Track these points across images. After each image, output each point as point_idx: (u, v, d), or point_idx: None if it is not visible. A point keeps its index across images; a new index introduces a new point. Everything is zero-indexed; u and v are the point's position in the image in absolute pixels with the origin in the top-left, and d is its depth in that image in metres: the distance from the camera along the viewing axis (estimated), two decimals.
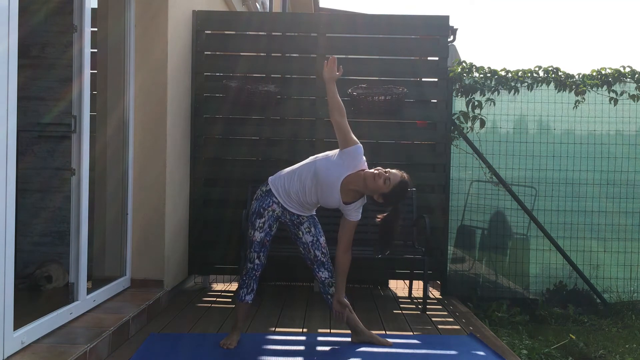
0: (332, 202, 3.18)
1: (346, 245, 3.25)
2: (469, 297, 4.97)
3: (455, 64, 5.05)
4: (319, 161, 3.19)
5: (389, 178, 3.07)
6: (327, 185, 3.12)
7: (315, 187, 3.15)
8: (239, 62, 4.96)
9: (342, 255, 3.26)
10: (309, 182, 3.15)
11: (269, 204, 3.22)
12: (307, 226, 3.30)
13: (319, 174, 3.13)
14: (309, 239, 3.30)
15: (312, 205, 3.26)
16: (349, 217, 3.23)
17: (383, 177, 3.06)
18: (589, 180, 5.15)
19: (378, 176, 3.06)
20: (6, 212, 2.53)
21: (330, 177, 3.11)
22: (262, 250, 3.24)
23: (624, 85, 5.07)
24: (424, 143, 4.96)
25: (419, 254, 4.34)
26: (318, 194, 3.17)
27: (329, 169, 3.13)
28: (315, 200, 3.20)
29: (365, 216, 4.62)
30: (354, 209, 3.21)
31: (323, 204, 3.22)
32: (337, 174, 3.12)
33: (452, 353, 3.31)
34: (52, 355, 2.67)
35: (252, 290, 3.28)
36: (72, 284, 3.38)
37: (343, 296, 3.27)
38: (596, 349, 4.21)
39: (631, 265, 5.19)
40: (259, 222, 3.21)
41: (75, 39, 3.30)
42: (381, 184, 3.06)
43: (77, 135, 3.31)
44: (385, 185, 3.06)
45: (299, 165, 3.27)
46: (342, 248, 3.25)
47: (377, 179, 3.06)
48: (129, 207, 4.14)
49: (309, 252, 3.32)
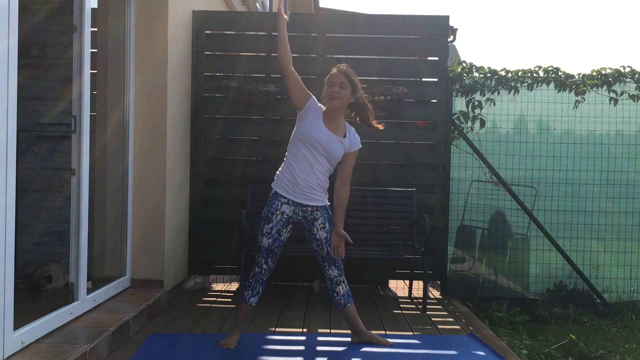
0: (337, 148, 3.20)
1: (346, 178, 3.30)
2: (469, 297, 4.97)
3: (455, 64, 5.05)
4: (295, 132, 3.25)
5: (330, 75, 3.21)
6: (319, 136, 3.16)
7: (314, 151, 3.17)
8: (239, 62, 4.96)
9: (341, 187, 3.29)
10: (306, 152, 3.17)
11: (277, 207, 3.21)
12: (321, 222, 3.27)
13: (305, 138, 3.17)
14: (323, 235, 3.27)
15: (324, 173, 3.24)
16: (353, 149, 3.27)
17: (328, 81, 3.20)
18: (589, 180, 5.15)
19: (326, 85, 3.20)
20: (6, 212, 2.53)
21: (314, 129, 3.17)
22: (269, 256, 3.23)
23: (624, 85, 5.06)
24: (424, 143, 4.96)
25: (419, 254, 4.34)
26: (324, 153, 3.18)
27: (307, 127, 3.18)
28: (325, 163, 3.21)
29: (366, 216, 4.68)
30: (352, 138, 3.27)
31: (335, 156, 3.22)
32: (315, 122, 3.18)
33: (452, 353, 3.31)
34: (52, 355, 2.67)
35: (258, 293, 3.29)
36: (72, 284, 3.38)
37: (341, 228, 3.28)
38: (596, 349, 4.20)
39: (631, 265, 5.19)
40: (267, 227, 3.21)
41: (75, 39, 3.30)
42: (329, 86, 3.19)
43: (77, 135, 3.31)
44: (330, 85, 3.18)
45: (289, 156, 3.26)
46: (342, 180, 3.30)
47: (326, 86, 3.20)
48: (129, 207, 4.14)
49: (322, 249, 3.30)
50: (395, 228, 4.76)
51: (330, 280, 3.35)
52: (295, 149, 3.22)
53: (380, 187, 4.80)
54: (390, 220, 4.75)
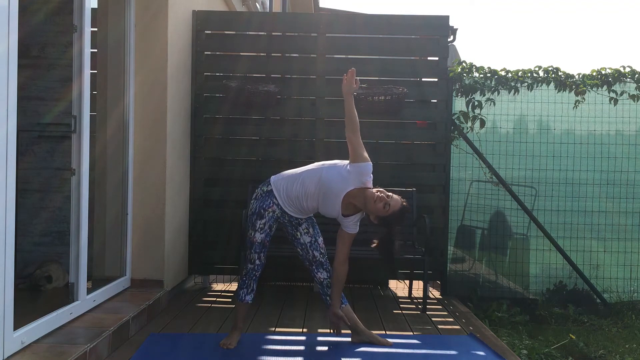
0: (331, 212, 3.18)
1: (344, 257, 3.25)
2: (469, 297, 4.97)
3: (455, 64, 5.05)
4: (326, 169, 3.17)
5: (389, 203, 3.05)
6: (330, 195, 3.12)
7: (317, 194, 3.15)
8: (239, 62, 4.96)
9: (339, 266, 3.25)
10: (313, 188, 3.14)
11: (269, 204, 3.22)
12: (305, 227, 3.31)
13: (324, 182, 3.12)
14: (307, 239, 3.30)
15: (311, 210, 3.25)
16: (346, 229, 3.22)
17: (384, 202, 3.04)
18: (589, 180, 5.15)
19: (379, 199, 3.04)
20: (6, 212, 2.53)
21: (335, 188, 3.11)
22: (262, 250, 3.24)
23: (624, 85, 5.07)
24: (424, 143, 4.96)
25: (419, 254, 4.34)
26: (319, 201, 3.16)
27: (335, 179, 3.12)
28: (315, 205, 3.20)
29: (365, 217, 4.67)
30: (352, 222, 3.21)
31: (322, 212, 3.22)
32: (342, 186, 3.11)
33: (452, 353, 3.31)
34: (52, 355, 2.67)
35: (252, 290, 3.29)
36: (72, 284, 3.38)
37: (338, 308, 3.28)
38: (596, 349, 4.21)
39: (631, 265, 5.20)
40: (260, 223, 3.21)
41: (75, 39, 3.30)
42: (380, 207, 3.05)
43: (77, 135, 3.31)
44: (384, 210, 3.06)
45: (304, 169, 3.25)
46: (340, 259, 3.24)
47: (378, 202, 3.04)
48: (129, 207, 4.14)
49: (307, 253, 3.32)
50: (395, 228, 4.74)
51: (320, 283, 3.36)
52: (312, 178, 3.16)
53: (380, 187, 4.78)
54: None
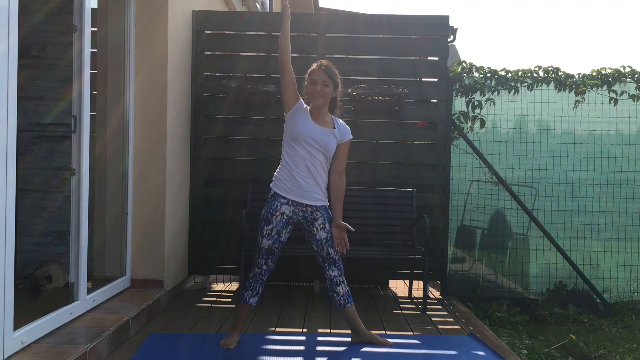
0: (330, 140, 3.22)
1: (341, 169, 3.32)
2: (469, 297, 4.98)
3: (455, 64, 5.05)
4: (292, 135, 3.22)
5: (313, 78, 3.20)
6: (315, 135, 3.17)
7: (313, 149, 3.18)
8: (239, 62, 4.96)
9: (337, 178, 3.32)
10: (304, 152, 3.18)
11: (276, 207, 3.21)
12: (321, 222, 3.27)
13: (305, 138, 3.17)
14: (323, 235, 3.27)
15: (323, 168, 3.25)
16: (344, 139, 3.29)
17: (309, 82, 3.21)
18: (589, 180, 5.16)
19: (310, 89, 3.19)
20: (6, 212, 2.53)
21: (308, 129, 3.18)
22: (270, 257, 3.23)
23: (624, 85, 5.07)
24: (424, 143, 4.96)
25: (419, 254, 4.34)
26: (320, 148, 3.19)
27: (304, 128, 3.17)
28: (322, 158, 3.22)
29: (366, 216, 4.67)
30: (342, 128, 3.29)
31: (329, 151, 3.24)
32: (308, 123, 3.19)
33: (452, 353, 3.31)
34: (52, 355, 2.67)
35: (257, 294, 3.29)
36: (72, 284, 3.38)
37: (340, 219, 3.28)
38: (596, 349, 4.21)
39: (631, 265, 5.20)
40: (267, 229, 3.21)
41: (75, 39, 3.30)
42: (311, 84, 3.19)
43: (77, 135, 3.31)
44: (310, 77, 3.20)
45: (285, 157, 3.26)
46: (337, 172, 3.32)
47: (310, 86, 3.20)
48: (129, 207, 4.14)
49: (322, 250, 3.30)
50: (395, 228, 4.76)
51: (330, 280, 3.35)
52: (291, 149, 3.22)
53: (380, 187, 4.80)
54: (391, 220, 4.76)
